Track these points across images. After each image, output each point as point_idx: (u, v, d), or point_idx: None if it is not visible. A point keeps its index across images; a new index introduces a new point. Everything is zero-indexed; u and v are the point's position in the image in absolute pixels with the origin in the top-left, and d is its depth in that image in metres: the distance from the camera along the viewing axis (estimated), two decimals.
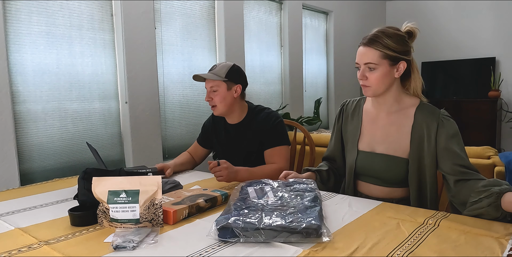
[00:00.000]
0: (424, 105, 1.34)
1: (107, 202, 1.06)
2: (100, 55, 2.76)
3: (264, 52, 4.18)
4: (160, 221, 1.07)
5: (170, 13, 3.20)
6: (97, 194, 1.07)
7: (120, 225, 1.05)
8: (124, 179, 1.10)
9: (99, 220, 1.10)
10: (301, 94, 4.65)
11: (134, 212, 1.05)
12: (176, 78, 3.28)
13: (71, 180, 1.68)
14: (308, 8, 4.79)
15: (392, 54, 1.27)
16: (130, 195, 1.06)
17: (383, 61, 1.27)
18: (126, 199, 1.06)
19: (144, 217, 1.05)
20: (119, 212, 1.05)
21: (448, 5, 5.74)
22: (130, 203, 1.05)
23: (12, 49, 2.32)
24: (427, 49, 5.95)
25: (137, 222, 1.05)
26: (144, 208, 1.05)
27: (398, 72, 1.30)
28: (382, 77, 1.28)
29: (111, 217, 1.06)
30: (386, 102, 1.37)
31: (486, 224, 1.03)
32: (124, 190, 1.06)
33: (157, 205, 1.07)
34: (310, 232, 0.92)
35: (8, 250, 0.93)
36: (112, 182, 1.09)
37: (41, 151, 2.48)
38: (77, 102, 2.65)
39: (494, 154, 2.23)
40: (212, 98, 1.73)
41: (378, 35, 1.28)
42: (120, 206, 1.05)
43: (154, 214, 1.06)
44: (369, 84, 1.30)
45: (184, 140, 3.37)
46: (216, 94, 1.72)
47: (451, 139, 1.26)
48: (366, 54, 1.28)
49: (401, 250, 0.87)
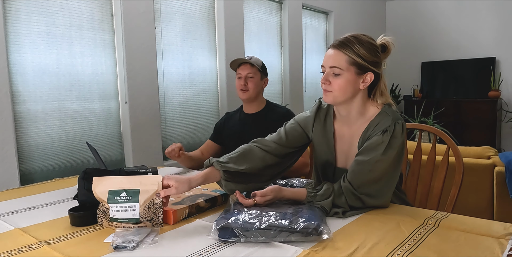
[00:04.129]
0: (384, 112, 1.23)
1: (107, 202, 1.06)
2: (100, 55, 2.76)
3: (264, 52, 4.17)
4: (160, 221, 1.07)
5: (170, 13, 3.20)
6: (97, 193, 1.07)
7: (120, 224, 1.05)
8: (124, 178, 1.10)
9: (99, 220, 1.10)
10: (301, 94, 4.66)
11: (134, 211, 1.05)
12: (176, 78, 3.28)
13: (71, 180, 1.68)
14: (308, 8, 4.79)
15: (360, 62, 1.18)
16: (131, 194, 1.06)
17: (350, 68, 1.18)
18: (127, 198, 1.06)
19: (144, 216, 1.05)
20: (119, 212, 1.05)
21: (448, 5, 5.74)
22: (130, 202, 1.05)
23: (12, 49, 2.32)
24: (427, 49, 5.95)
25: (137, 221, 1.05)
26: (144, 208, 1.05)
27: (364, 83, 1.21)
28: (346, 85, 1.19)
29: (111, 217, 1.06)
30: (351, 116, 1.27)
31: (486, 224, 1.03)
32: (124, 190, 1.06)
33: (157, 204, 1.07)
34: (309, 231, 0.92)
35: (8, 250, 0.92)
36: (112, 181, 1.09)
37: (41, 151, 2.48)
38: (77, 102, 2.65)
39: (494, 154, 2.24)
40: (247, 83, 1.95)
41: (350, 39, 1.19)
42: (120, 205, 1.05)
43: (154, 213, 1.06)
44: (331, 90, 1.21)
45: (184, 140, 3.37)
46: (251, 81, 1.96)
47: (368, 149, 1.17)
48: (333, 58, 1.19)
49: (401, 250, 0.87)
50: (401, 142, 1.18)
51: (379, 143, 1.17)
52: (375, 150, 1.17)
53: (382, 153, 1.16)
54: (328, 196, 1.14)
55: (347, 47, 1.18)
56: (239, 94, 2.02)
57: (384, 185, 1.18)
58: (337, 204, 1.14)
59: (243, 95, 1.99)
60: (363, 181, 1.16)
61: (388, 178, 1.18)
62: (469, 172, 2.15)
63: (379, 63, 1.23)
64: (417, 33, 6.01)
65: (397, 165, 1.20)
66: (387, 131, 1.17)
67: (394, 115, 1.21)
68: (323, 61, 1.23)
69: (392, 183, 1.20)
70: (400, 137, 1.18)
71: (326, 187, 1.17)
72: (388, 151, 1.16)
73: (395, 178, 1.21)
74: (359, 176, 1.16)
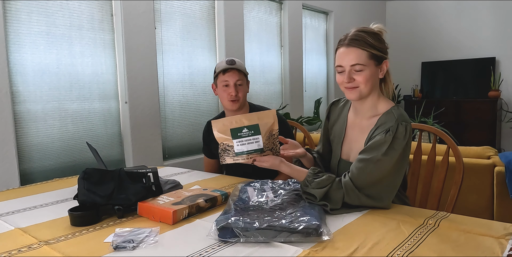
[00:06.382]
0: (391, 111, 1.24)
1: (232, 138, 1.17)
2: (100, 55, 2.76)
3: (264, 52, 4.18)
4: (278, 150, 1.22)
5: (170, 13, 3.20)
6: (218, 134, 1.19)
7: (247, 156, 1.19)
8: (241, 116, 1.21)
9: (221, 159, 1.21)
10: (301, 94, 4.65)
11: (258, 142, 1.19)
12: (176, 78, 3.28)
13: (71, 180, 1.68)
14: (308, 8, 4.79)
15: (377, 54, 1.21)
16: (252, 129, 1.19)
17: (370, 62, 1.20)
18: (249, 132, 1.19)
19: (266, 146, 1.20)
20: (245, 145, 1.18)
21: (448, 5, 5.74)
22: (254, 135, 1.19)
23: (12, 49, 2.32)
24: (427, 49, 5.95)
25: (262, 151, 1.19)
26: (266, 138, 1.19)
27: (382, 72, 1.24)
28: (370, 78, 1.21)
29: (236, 152, 1.18)
30: (364, 108, 1.30)
31: (486, 224, 1.03)
32: (244, 126, 1.19)
33: (274, 135, 1.22)
34: (310, 232, 0.92)
35: (8, 250, 0.93)
36: (230, 121, 1.20)
37: (41, 151, 2.48)
38: (77, 102, 2.65)
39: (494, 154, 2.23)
40: (237, 92, 1.74)
41: (361, 35, 1.20)
42: (245, 139, 1.19)
43: (273, 143, 1.20)
44: (356, 85, 1.22)
45: (184, 140, 3.37)
46: (241, 89, 1.76)
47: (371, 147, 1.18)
48: (353, 55, 1.19)
49: (401, 250, 0.87)
50: (404, 144, 1.17)
51: (381, 142, 1.17)
52: (376, 149, 1.17)
53: (384, 153, 1.15)
54: (323, 186, 1.15)
55: (362, 43, 1.20)
56: (227, 105, 1.77)
57: (385, 186, 1.17)
58: (332, 197, 1.14)
59: (233, 106, 1.74)
60: (363, 180, 1.15)
61: (389, 180, 1.18)
62: (469, 172, 2.15)
63: (387, 50, 1.26)
64: (417, 33, 6.01)
65: (399, 167, 1.19)
66: (389, 131, 1.17)
67: (399, 117, 1.21)
68: (339, 61, 1.24)
69: (394, 185, 1.20)
70: (403, 139, 1.17)
71: (327, 177, 1.17)
72: (390, 151, 1.16)
73: (397, 180, 1.20)
74: (360, 174, 1.16)
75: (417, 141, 1.62)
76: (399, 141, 1.17)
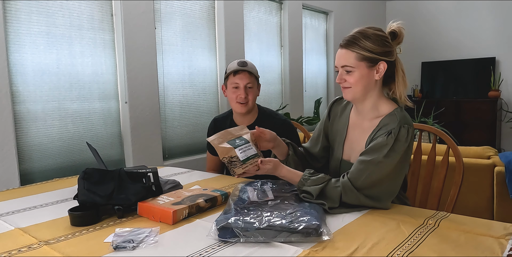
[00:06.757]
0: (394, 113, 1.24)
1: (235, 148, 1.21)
2: (100, 55, 2.76)
3: (264, 52, 4.18)
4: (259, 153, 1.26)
5: (170, 13, 3.20)
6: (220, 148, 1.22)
7: (252, 161, 1.21)
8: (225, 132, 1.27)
9: (231, 171, 1.21)
10: (301, 94, 4.65)
11: (252, 148, 1.24)
12: (176, 78, 3.28)
13: (71, 180, 1.68)
14: (308, 8, 4.79)
15: (369, 56, 1.21)
16: (241, 139, 1.25)
17: (360, 64, 1.22)
18: (241, 141, 1.24)
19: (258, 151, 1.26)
20: (245, 151, 1.22)
21: (448, 5, 5.74)
22: (246, 143, 1.24)
23: (12, 49, 2.32)
24: (427, 49, 5.95)
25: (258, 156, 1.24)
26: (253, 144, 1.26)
27: (378, 74, 1.24)
28: (360, 79, 1.23)
29: (242, 159, 1.20)
30: (364, 109, 1.31)
31: (486, 224, 1.03)
32: (235, 138, 1.25)
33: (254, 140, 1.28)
34: (310, 232, 0.92)
35: (8, 250, 0.93)
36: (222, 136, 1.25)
37: (41, 151, 2.48)
38: (77, 102, 2.65)
39: (494, 154, 2.23)
40: (247, 95, 1.72)
41: (355, 36, 1.22)
42: (244, 146, 1.23)
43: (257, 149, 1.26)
44: (348, 85, 1.25)
45: (184, 140, 3.37)
46: (251, 92, 1.73)
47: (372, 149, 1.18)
48: (343, 57, 1.24)
49: (401, 250, 0.87)
50: (406, 146, 1.17)
51: (383, 145, 1.17)
52: (378, 151, 1.17)
53: (385, 155, 1.15)
54: (319, 183, 1.15)
55: (353, 45, 1.22)
56: (235, 107, 1.75)
57: (385, 188, 1.17)
58: (328, 195, 1.14)
59: (242, 108, 1.73)
60: (363, 181, 1.15)
61: (389, 182, 1.18)
62: (469, 172, 2.15)
63: (391, 51, 1.25)
64: (417, 33, 6.01)
65: (400, 170, 1.19)
66: (391, 133, 1.18)
67: (402, 119, 1.21)
68: (335, 62, 1.29)
69: (394, 187, 1.20)
70: (405, 142, 1.17)
71: (322, 175, 1.19)
72: (391, 154, 1.16)
73: (397, 182, 1.21)
74: (360, 176, 1.16)
75: (417, 141, 1.62)
76: (401, 143, 1.17)
